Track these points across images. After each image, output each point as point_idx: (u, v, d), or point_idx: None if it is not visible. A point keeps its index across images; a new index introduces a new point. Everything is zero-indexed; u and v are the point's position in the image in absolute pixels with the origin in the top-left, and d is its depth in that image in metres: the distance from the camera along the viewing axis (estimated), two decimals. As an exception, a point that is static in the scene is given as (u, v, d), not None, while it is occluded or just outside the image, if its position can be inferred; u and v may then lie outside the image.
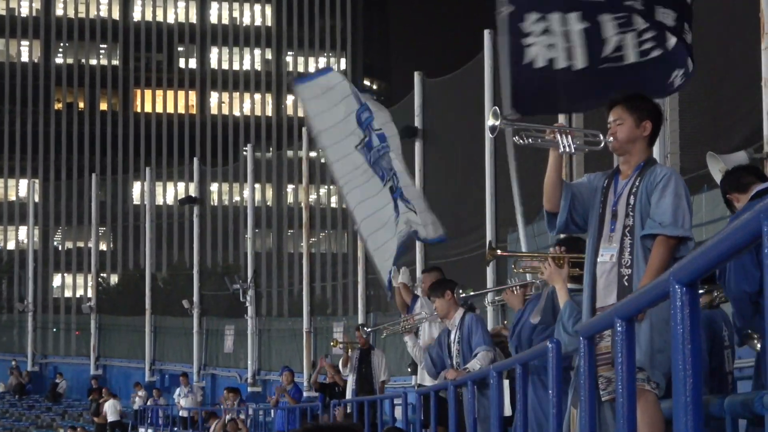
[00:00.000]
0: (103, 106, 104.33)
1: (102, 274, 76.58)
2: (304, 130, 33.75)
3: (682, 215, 6.12)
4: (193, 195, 39.74)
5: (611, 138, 6.32)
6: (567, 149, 6.36)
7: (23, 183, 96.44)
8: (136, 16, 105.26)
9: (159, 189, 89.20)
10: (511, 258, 9.40)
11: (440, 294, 10.32)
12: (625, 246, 6.18)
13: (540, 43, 8.33)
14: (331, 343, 16.65)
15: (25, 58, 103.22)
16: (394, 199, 11.18)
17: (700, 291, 7.03)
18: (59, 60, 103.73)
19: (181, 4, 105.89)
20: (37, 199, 57.62)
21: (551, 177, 6.43)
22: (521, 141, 6.54)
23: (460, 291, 10.39)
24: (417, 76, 24.27)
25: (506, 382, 8.44)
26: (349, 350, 17.25)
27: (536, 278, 8.41)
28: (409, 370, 16.68)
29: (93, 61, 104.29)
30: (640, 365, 5.79)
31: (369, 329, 14.08)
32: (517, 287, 8.97)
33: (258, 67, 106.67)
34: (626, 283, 6.15)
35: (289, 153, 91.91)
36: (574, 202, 6.43)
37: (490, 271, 19.72)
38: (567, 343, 6.33)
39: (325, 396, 20.06)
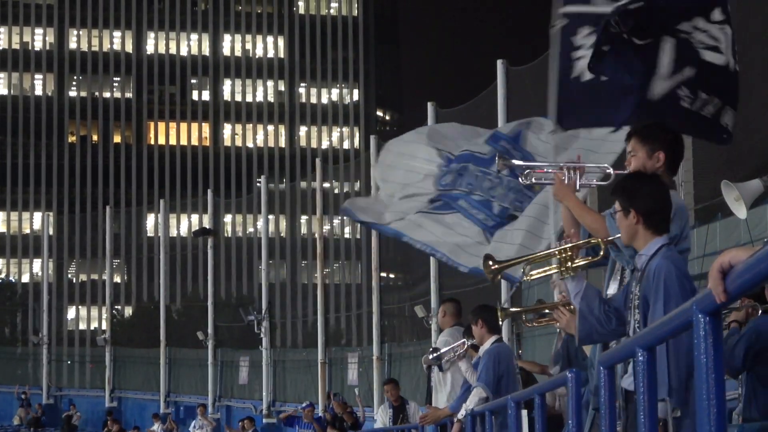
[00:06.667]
0: (117, 139, 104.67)
1: (116, 307, 76.66)
2: (317, 161, 33.80)
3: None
4: (207, 227, 39.78)
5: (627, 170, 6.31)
6: (576, 186, 6.37)
7: (37, 216, 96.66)
8: (149, 48, 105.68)
9: (173, 221, 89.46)
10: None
11: (474, 321, 10.34)
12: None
13: (589, 56, 8.20)
14: None
15: (38, 91, 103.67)
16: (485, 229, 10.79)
17: (737, 306, 6.88)
18: (73, 93, 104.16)
19: (194, 37, 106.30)
20: (51, 232, 57.67)
21: (566, 212, 6.41)
22: (524, 180, 6.56)
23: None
24: (430, 107, 24.20)
25: (524, 412, 8.39)
26: None
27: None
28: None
29: (106, 94, 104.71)
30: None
31: (433, 356, 12.13)
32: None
33: (271, 98, 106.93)
34: None
35: (303, 184, 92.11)
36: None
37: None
38: None
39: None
